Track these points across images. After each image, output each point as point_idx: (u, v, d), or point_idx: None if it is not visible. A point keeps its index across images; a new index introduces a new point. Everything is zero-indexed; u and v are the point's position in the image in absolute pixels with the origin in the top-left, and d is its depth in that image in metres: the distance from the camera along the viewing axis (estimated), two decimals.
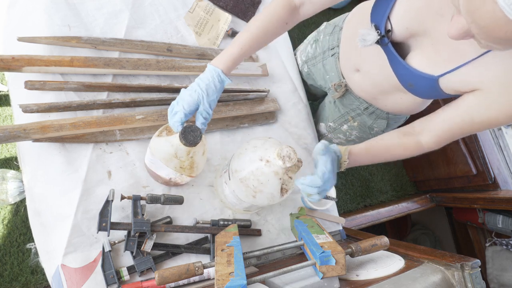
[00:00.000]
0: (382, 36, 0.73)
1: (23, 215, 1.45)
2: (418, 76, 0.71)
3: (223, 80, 0.73)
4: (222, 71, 0.72)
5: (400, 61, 0.73)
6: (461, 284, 0.68)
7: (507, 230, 1.51)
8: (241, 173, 0.74)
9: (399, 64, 0.74)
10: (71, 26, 0.89)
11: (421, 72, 0.70)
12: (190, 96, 0.70)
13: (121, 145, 0.87)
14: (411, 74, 0.72)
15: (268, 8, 0.77)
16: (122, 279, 0.75)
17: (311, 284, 0.69)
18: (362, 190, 2.04)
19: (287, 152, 0.68)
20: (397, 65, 0.75)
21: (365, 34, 0.74)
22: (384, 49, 0.76)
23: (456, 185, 1.76)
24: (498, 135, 1.54)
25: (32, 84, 0.80)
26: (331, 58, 1.01)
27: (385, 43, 0.74)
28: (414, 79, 0.72)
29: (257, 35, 0.75)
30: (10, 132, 0.73)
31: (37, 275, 1.40)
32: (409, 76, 0.73)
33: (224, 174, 0.83)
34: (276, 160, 0.68)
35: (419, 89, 0.75)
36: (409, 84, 0.75)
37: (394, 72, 0.77)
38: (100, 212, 0.75)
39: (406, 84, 0.76)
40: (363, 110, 0.99)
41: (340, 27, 0.98)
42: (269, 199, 0.75)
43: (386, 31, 0.73)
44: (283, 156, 0.68)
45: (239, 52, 0.74)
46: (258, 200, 0.75)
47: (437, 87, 0.71)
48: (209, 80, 0.71)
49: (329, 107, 1.12)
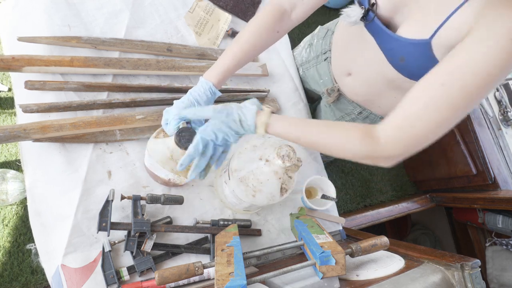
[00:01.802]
0: (367, 10, 0.70)
1: (23, 215, 1.45)
2: (409, 45, 0.65)
3: (214, 92, 0.75)
4: (213, 84, 0.74)
5: (388, 34, 0.69)
6: (461, 284, 0.68)
7: (507, 230, 1.51)
8: (241, 172, 0.74)
9: (387, 38, 0.69)
10: (71, 26, 0.89)
11: (412, 39, 0.65)
12: (182, 102, 0.73)
13: (121, 145, 0.87)
14: (401, 45, 0.67)
15: (256, 18, 0.75)
16: (122, 279, 0.75)
17: (311, 284, 0.69)
18: (362, 190, 2.04)
19: (287, 151, 0.68)
20: (385, 42, 0.71)
21: (348, 10, 0.72)
22: (371, 29, 0.73)
23: (456, 185, 1.76)
24: (498, 135, 1.53)
25: (32, 84, 0.80)
26: (324, 62, 1.01)
27: (370, 18, 0.70)
28: (405, 49, 0.67)
29: (247, 48, 0.74)
30: (10, 132, 0.73)
31: (37, 275, 1.40)
32: (399, 48, 0.68)
33: (224, 173, 0.83)
34: (276, 160, 0.68)
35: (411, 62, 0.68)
36: (400, 58, 0.69)
37: (383, 52, 0.73)
38: (100, 212, 0.75)
39: (397, 60, 0.70)
40: (357, 115, 0.99)
41: (332, 31, 0.98)
42: (269, 199, 0.75)
43: (370, 4, 0.70)
44: (282, 155, 0.68)
45: (230, 65, 0.74)
46: (258, 199, 0.75)
47: (431, 53, 0.64)
48: (201, 92, 0.74)
49: (325, 111, 1.11)
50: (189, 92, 0.74)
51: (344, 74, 0.92)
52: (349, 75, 0.90)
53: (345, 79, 0.92)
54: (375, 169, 2.10)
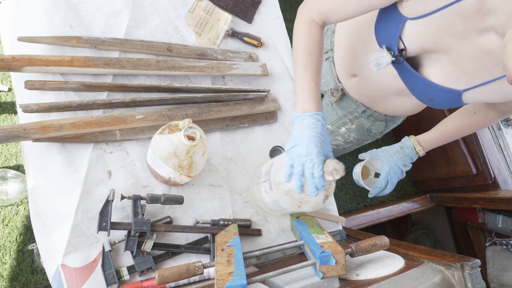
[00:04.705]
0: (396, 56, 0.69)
1: (23, 215, 1.45)
2: (440, 91, 0.69)
3: (324, 117, 0.71)
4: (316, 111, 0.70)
5: (418, 77, 0.70)
6: (461, 284, 0.68)
7: (507, 230, 1.51)
8: (286, 185, 0.74)
9: (417, 80, 0.71)
10: (71, 26, 0.89)
11: (444, 87, 0.68)
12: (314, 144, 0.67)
13: (121, 145, 0.87)
14: (432, 88, 0.69)
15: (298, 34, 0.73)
16: (122, 279, 0.75)
17: (311, 284, 0.69)
18: (362, 190, 2.04)
19: (333, 166, 0.66)
20: (414, 81, 0.72)
21: (378, 57, 0.71)
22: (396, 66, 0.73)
23: (456, 185, 1.76)
24: (498, 135, 1.54)
25: (32, 84, 0.80)
26: (325, 62, 1.01)
27: (400, 62, 0.71)
28: (435, 93, 0.70)
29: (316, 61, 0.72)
30: (10, 132, 0.73)
31: (37, 275, 1.40)
32: (429, 91, 0.70)
33: (264, 183, 0.84)
34: (325, 176, 0.66)
35: (440, 103, 0.72)
36: (428, 98, 0.72)
37: (408, 88, 0.74)
38: (100, 212, 0.75)
39: (424, 99, 0.73)
40: (360, 113, 0.99)
41: (333, 30, 0.98)
42: (313, 207, 0.76)
43: (399, 50, 0.69)
44: (331, 171, 0.66)
45: (316, 87, 0.71)
46: (303, 209, 0.76)
47: (460, 100, 0.69)
48: (317, 125, 0.68)
49: (327, 110, 1.11)
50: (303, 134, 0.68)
51: (349, 75, 0.91)
52: (354, 76, 0.90)
53: (350, 80, 0.92)
54: None
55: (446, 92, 0.68)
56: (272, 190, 0.79)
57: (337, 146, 1.16)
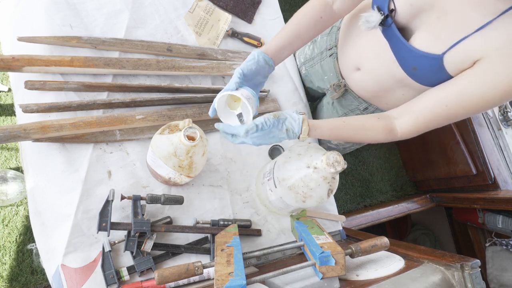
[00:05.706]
0: (385, 16, 0.72)
1: (23, 215, 1.45)
2: (422, 57, 0.69)
3: (266, 60, 0.74)
4: (263, 51, 0.74)
5: (403, 43, 0.72)
6: (461, 284, 0.68)
7: (507, 230, 1.51)
8: (289, 181, 0.76)
9: (402, 47, 0.73)
10: (71, 26, 0.89)
11: (425, 52, 0.69)
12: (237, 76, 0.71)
13: (121, 145, 0.87)
14: (414, 55, 0.71)
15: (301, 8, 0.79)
16: (122, 279, 0.75)
17: (311, 284, 0.69)
18: (362, 190, 2.04)
19: (334, 157, 0.70)
20: (399, 49, 0.74)
21: (368, 16, 0.74)
22: (386, 33, 0.75)
23: (456, 185, 1.76)
24: (498, 135, 1.54)
25: (32, 84, 0.80)
26: (329, 58, 1.01)
27: (388, 23, 0.73)
28: (418, 60, 0.71)
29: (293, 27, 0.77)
30: (10, 132, 0.73)
31: (37, 275, 1.40)
32: (412, 58, 0.72)
33: (268, 182, 0.85)
34: (327, 168, 0.69)
35: (423, 72, 0.73)
36: (412, 67, 0.73)
37: (396, 58, 0.76)
38: (100, 212, 0.75)
39: (409, 69, 0.74)
40: (362, 111, 0.99)
41: (338, 27, 0.98)
42: (318, 202, 0.78)
43: (389, 10, 0.72)
44: (332, 163, 0.69)
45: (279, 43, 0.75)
46: (308, 204, 0.78)
47: (442, 67, 0.69)
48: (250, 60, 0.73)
49: (327, 109, 1.11)
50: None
51: (353, 69, 0.92)
52: (358, 70, 0.90)
53: (354, 74, 0.92)
54: (375, 169, 2.10)
55: (427, 58, 0.69)
56: (277, 188, 0.80)
57: (337, 146, 1.16)
